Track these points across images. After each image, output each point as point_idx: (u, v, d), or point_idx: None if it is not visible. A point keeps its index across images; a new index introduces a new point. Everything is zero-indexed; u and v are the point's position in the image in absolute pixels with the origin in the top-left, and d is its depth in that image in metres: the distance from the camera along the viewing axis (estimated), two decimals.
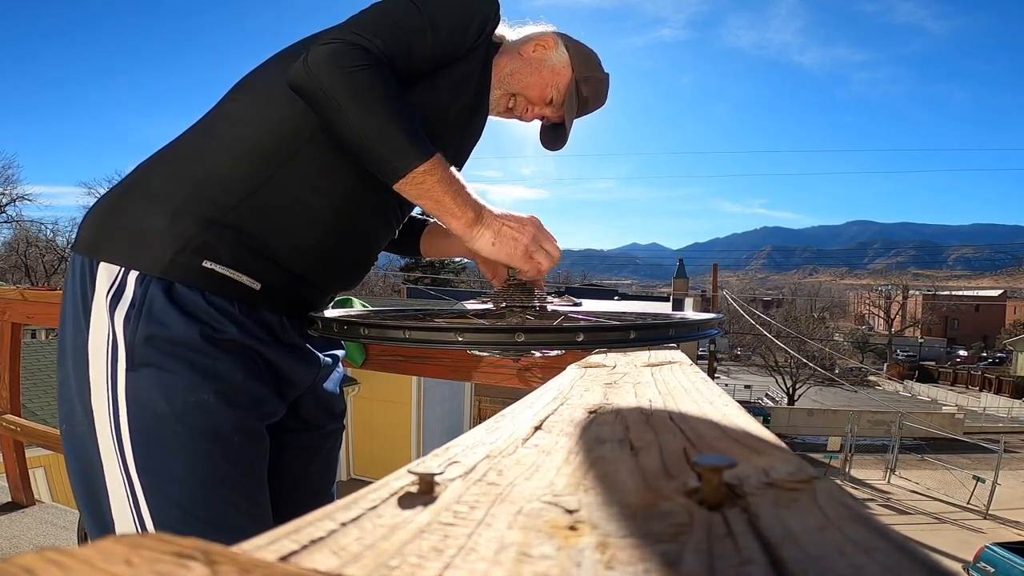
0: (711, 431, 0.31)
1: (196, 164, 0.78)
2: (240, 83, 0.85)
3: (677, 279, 8.04)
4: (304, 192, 0.79)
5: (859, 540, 0.17)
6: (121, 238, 0.75)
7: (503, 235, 0.82)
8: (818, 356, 23.84)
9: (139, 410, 0.70)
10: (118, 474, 0.70)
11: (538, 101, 0.96)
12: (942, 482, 13.63)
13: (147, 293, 0.72)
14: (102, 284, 0.73)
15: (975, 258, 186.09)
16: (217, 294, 0.75)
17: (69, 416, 0.75)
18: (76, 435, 0.74)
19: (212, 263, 0.74)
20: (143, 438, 0.69)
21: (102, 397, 0.71)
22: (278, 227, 0.78)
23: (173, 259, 0.73)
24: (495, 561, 0.17)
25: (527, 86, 0.94)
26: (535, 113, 0.98)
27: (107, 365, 0.71)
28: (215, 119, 0.82)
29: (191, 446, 0.70)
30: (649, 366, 0.57)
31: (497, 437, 0.31)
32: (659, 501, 0.22)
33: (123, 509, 0.71)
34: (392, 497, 0.22)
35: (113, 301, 0.72)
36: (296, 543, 0.18)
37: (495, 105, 0.95)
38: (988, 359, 39.83)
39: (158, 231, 0.74)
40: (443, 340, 0.70)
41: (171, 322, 0.72)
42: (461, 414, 10.88)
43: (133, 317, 0.71)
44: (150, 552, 0.15)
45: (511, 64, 0.94)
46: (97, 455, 0.71)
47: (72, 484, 0.76)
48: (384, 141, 0.73)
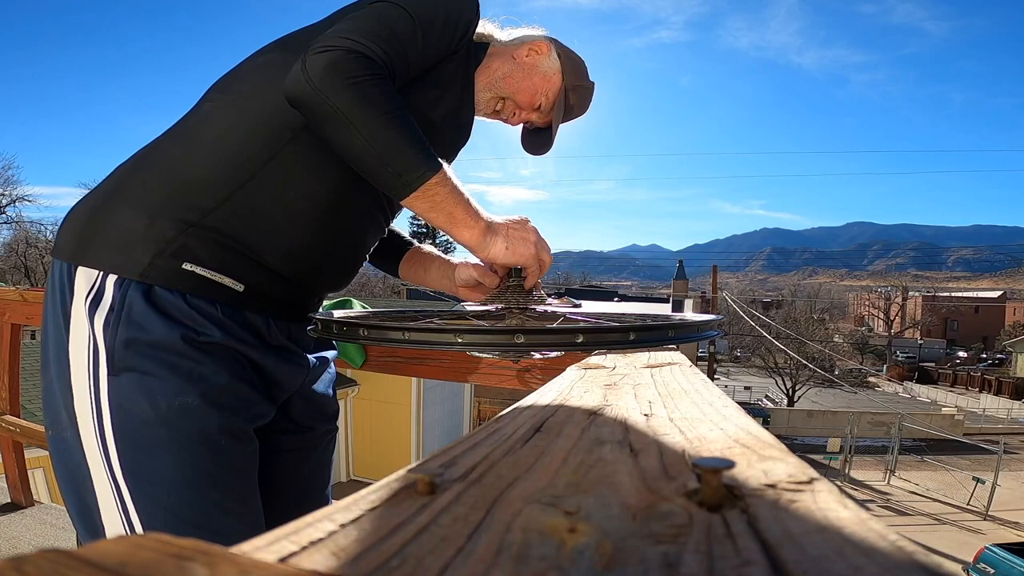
0: (711, 432, 0.31)
1: (174, 167, 0.76)
2: (216, 85, 0.83)
3: (677, 280, 8.04)
4: (286, 193, 0.77)
5: (859, 541, 0.17)
6: (99, 243, 0.74)
7: (513, 238, 0.81)
8: (818, 357, 23.85)
9: (123, 415, 0.69)
10: (105, 479, 0.70)
11: (527, 106, 0.96)
12: (942, 483, 13.63)
13: (126, 297, 0.71)
14: (81, 289, 0.72)
15: (975, 259, 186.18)
16: (199, 296, 0.74)
17: (55, 422, 0.74)
18: (62, 440, 0.73)
19: (193, 265, 0.73)
20: (128, 443, 0.69)
21: (85, 402, 0.70)
22: (261, 228, 0.77)
23: (152, 262, 0.72)
24: (494, 563, 0.17)
25: (518, 90, 0.94)
26: (522, 117, 0.98)
27: (89, 370, 0.70)
28: (192, 122, 0.80)
29: (177, 450, 0.69)
30: (649, 367, 0.57)
31: (497, 438, 0.31)
32: (659, 502, 0.22)
33: (112, 514, 0.70)
34: (392, 498, 0.22)
35: (92, 306, 0.71)
36: (295, 544, 0.18)
37: (483, 106, 0.95)
38: (988, 360, 39.84)
39: (136, 235, 0.73)
40: (442, 341, 0.70)
41: (151, 325, 0.70)
42: (461, 415, 10.88)
43: (112, 321, 0.70)
44: (149, 553, 0.15)
45: (504, 67, 0.93)
46: (84, 460, 0.71)
47: (61, 489, 0.75)
48: (395, 155, 0.71)
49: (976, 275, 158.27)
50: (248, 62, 0.83)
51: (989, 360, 39.78)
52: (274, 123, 0.77)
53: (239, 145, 0.76)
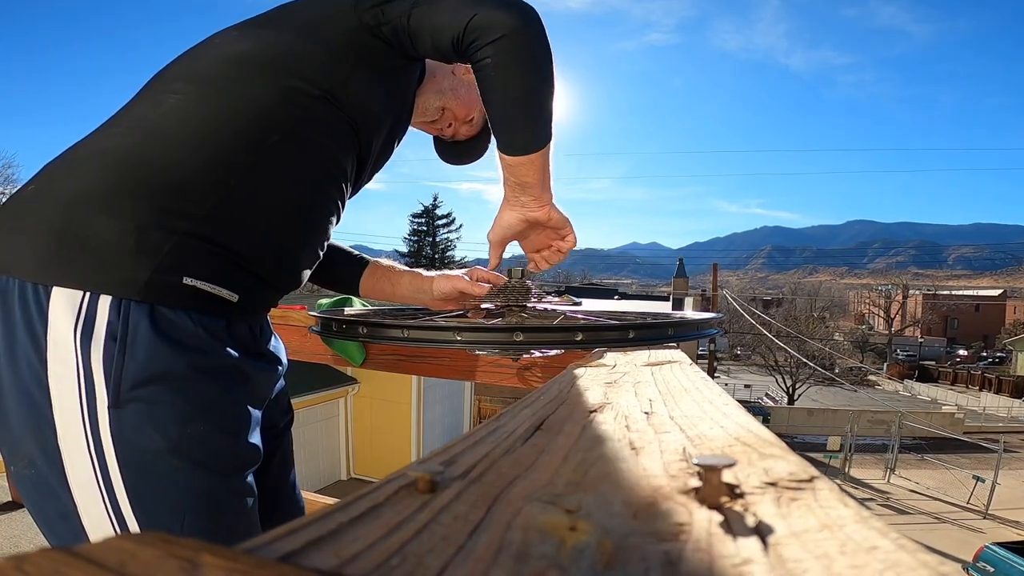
0: (711, 430, 0.31)
1: (151, 168, 0.69)
2: (177, 72, 0.76)
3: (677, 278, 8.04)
4: (271, 195, 0.74)
5: (859, 540, 0.17)
6: (77, 258, 0.65)
7: (556, 211, 0.89)
8: (818, 356, 23.87)
9: (129, 447, 0.64)
10: (103, 513, 0.65)
11: (462, 119, 1.02)
12: (942, 482, 13.64)
13: (128, 321, 0.64)
14: (61, 313, 0.63)
15: (975, 258, 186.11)
16: (203, 312, 0.69)
17: (14, 456, 0.67)
18: (31, 478, 0.67)
19: (193, 280, 0.68)
20: (138, 475, 0.64)
21: (76, 437, 0.64)
22: (246, 231, 0.73)
23: (151, 279, 0.65)
24: (495, 561, 0.17)
25: (459, 104, 1.00)
26: (455, 129, 1.03)
27: (81, 403, 0.63)
28: (154, 116, 0.72)
29: (190, 478, 0.66)
30: (649, 365, 0.57)
31: (497, 437, 0.31)
32: (659, 500, 0.22)
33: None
34: (392, 496, 0.22)
35: (84, 333, 0.63)
36: (295, 543, 0.18)
37: (427, 112, 1.00)
38: (988, 359, 39.86)
39: (126, 247, 0.65)
40: (442, 339, 0.70)
41: (160, 353, 0.65)
42: (461, 414, 10.88)
43: (116, 351, 0.63)
44: (151, 551, 0.15)
45: (446, 81, 0.99)
46: (69, 498, 0.65)
47: (39, 525, 0.69)
48: (549, 109, 0.79)
49: (977, 273, 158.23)
50: (214, 49, 0.77)
51: (989, 358, 39.80)
52: (262, 124, 0.73)
53: (224, 146, 0.71)
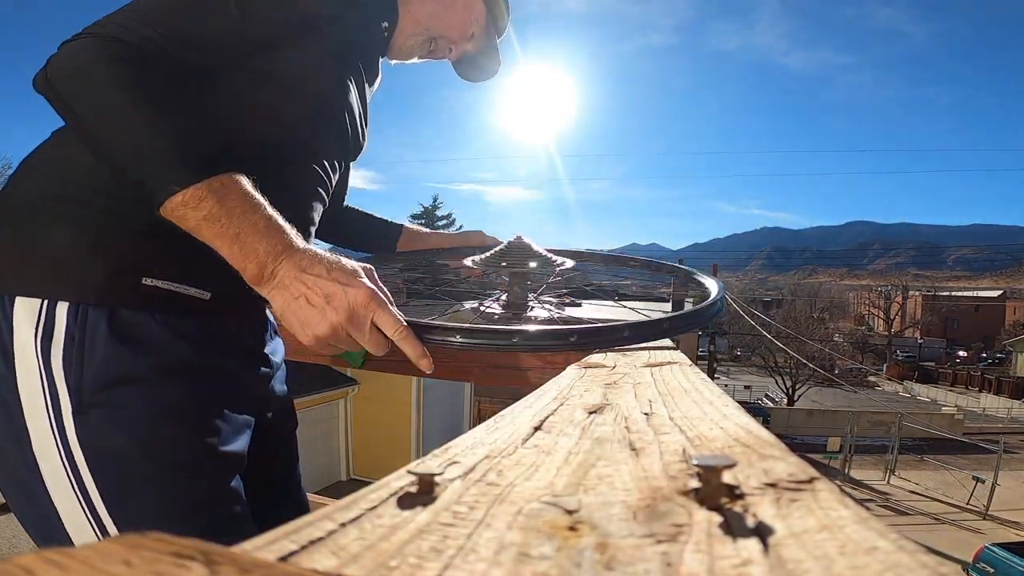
0: (711, 431, 0.31)
1: (102, 172, 0.67)
2: None
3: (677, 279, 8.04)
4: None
5: (859, 540, 0.17)
6: (34, 266, 0.64)
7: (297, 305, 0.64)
8: (818, 356, 23.85)
9: (98, 454, 0.63)
10: (84, 521, 0.64)
11: (460, 39, 0.96)
12: (941, 482, 13.64)
13: (85, 326, 0.63)
14: (23, 323, 0.63)
15: (974, 258, 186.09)
16: (166, 313, 0.67)
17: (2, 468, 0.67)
18: (13, 483, 0.67)
19: (153, 280, 0.66)
20: (110, 481, 0.63)
21: (48, 446, 0.63)
22: None
23: (108, 282, 0.64)
24: (495, 562, 0.17)
25: (448, 27, 0.93)
26: (459, 51, 0.98)
27: (48, 412, 0.62)
28: None
29: (164, 482, 0.64)
30: (649, 366, 0.57)
31: (497, 437, 0.31)
32: (659, 501, 0.21)
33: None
34: (392, 497, 0.22)
35: (44, 342, 0.62)
36: (295, 543, 0.18)
37: (415, 49, 0.94)
38: (988, 359, 39.86)
39: (81, 252, 0.64)
40: (441, 340, 0.70)
41: (119, 357, 0.63)
42: (461, 414, 10.88)
43: (74, 359, 0.62)
44: (149, 552, 0.15)
45: (425, 7, 0.91)
46: (50, 504, 0.64)
47: (26, 529, 0.69)
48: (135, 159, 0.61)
49: (976, 274, 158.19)
50: None
51: (989, 359, 39.80)
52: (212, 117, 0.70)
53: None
